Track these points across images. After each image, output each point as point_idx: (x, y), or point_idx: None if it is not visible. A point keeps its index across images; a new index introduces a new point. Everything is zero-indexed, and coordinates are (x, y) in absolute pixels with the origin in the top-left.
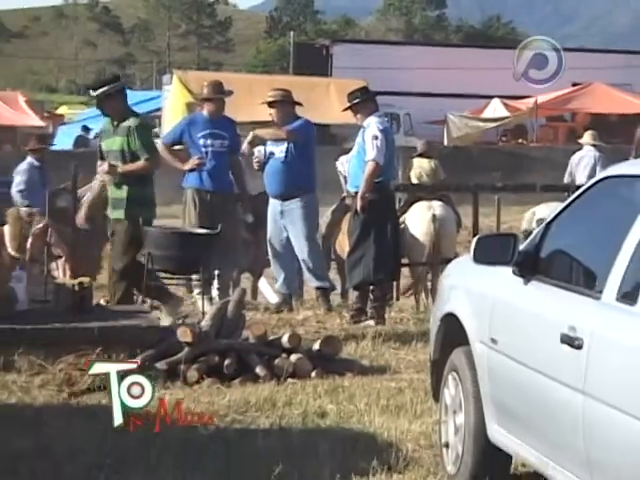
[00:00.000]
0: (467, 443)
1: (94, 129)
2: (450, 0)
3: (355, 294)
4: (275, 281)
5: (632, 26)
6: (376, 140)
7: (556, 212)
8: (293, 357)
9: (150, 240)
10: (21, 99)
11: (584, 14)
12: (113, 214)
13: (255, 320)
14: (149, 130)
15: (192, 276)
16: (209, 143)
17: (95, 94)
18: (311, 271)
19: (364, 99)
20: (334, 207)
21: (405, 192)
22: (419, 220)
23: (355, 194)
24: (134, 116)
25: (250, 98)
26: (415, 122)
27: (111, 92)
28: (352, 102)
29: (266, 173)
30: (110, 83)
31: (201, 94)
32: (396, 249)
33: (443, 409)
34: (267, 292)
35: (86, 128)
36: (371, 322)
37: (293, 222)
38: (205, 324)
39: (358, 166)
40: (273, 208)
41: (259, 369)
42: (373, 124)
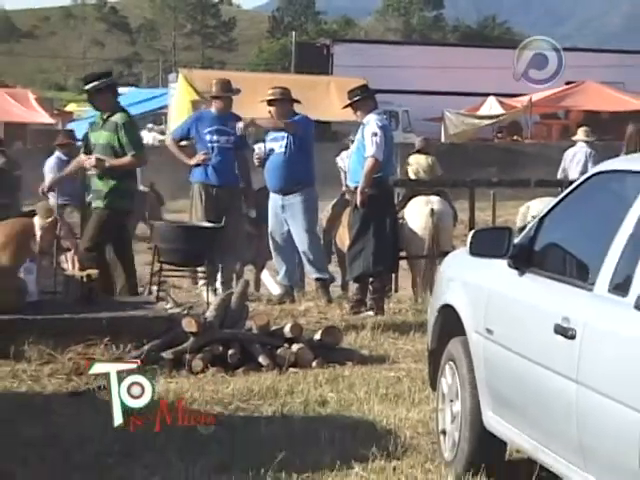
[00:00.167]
0: (463, 430)
1: None
2: (447, 1)
3: (355, 286)
4: (277, 273)
5: (624, 26)
6: (375, 137)
7: (550, 206)
8: (295, 347)
9: (157, 234)
10: (31, 97)
11: (577, 15)
12: (93, 204)
13: (258, 311)
14: (136, 127)
15: (197, 268)
16: (215, 139)
17: (86, 88)
18: (311, 263)
19: (364, 97)
20: (334, 202)
21: (403, 187)
22: (417, 214)
23: (355, 189)
24: (122, 112)
25: (253, 96)
26: (413, 119)
27: (102, 87)
28: (352, 100)
29: (266, 169)
30: (101, 78)
31: (210, 91)
32: (395, 242)
33: (440, 397)
34: (269, 284)
35: None
36: (370, 313)
37: (294, 216)
38: (210, 315)
39: (358, 162)
40: (274, 203)
41: (262, 358)
42: (372, 121)
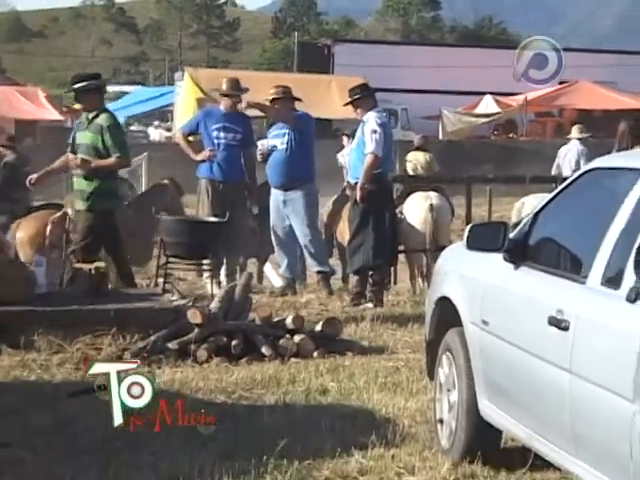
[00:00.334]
0: (460, 419)
1: None
2: (445, 2)
3: (355, 278)
4: (279, 266)
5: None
6: (375, 134)
7: (544, 202)
8: (297, 337)
9: (163, 228)
10: (41, 94)
11: (570, 16)
12: (76, 204)
13: (261, 303)
14: (121, 129)
15: (202, 261)
16: (222, 136)
17: (74, 87)
18: (312, 256)
19: (364, 95)
20: (335, 197)
21: (402, 183)
22: (417, 209)
23: (355, 185)
24: (107, 114)
25: (256, 94)
26: (412, 117)
27: (89, 88)
28: (353, 98)
29: (268, 165)
30: (89, 80)
31: (219, 89)
32: (394, 237)
33: (437, 387)
34: (272, 276)
35: None
36: (370, 305)
37: (295, 211)
38: (214, 306)
39: (358, 158)
40: (275, 198)
41: (265, 349)
42: (372, 119)
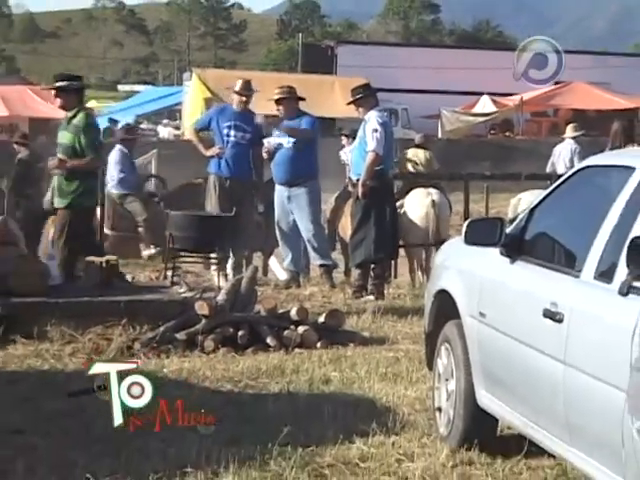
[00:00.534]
0: (458, 408)
1: (120, 121)
2: (444, 6)
3: (357, 272)
4: (284, 260)
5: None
6: (376, 132)
7: (540, 198)
8: (300, 329)
9: (171, 222)
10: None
11: (564, 19)
12: (56, 202)
13: (266, 295)
14: (96, 130)
15: (209, 255)
16: (232, 134)
17: (56, 86)
18: (316, 250)
19: (366, 95)
20: (337, 194)
21: (402, 180)
22: (418, 205)
23: (357, 181)
24: (84, 115)
25: (262, 94)
26: (412, 116)
27: (69, 88)
28: (355, 97)
29: (274, 162)
30: (71, 80)
31: (232, 86)
32: (394, 231)
33: (436, 377)
34: (277, 270)
35: (113, 120)
36: (371, 297)
37: (299, 206)
38: (221, 298)
39: (359, 156)
40: (280, 194)
41: (269, 339)
42: (373, 118)
